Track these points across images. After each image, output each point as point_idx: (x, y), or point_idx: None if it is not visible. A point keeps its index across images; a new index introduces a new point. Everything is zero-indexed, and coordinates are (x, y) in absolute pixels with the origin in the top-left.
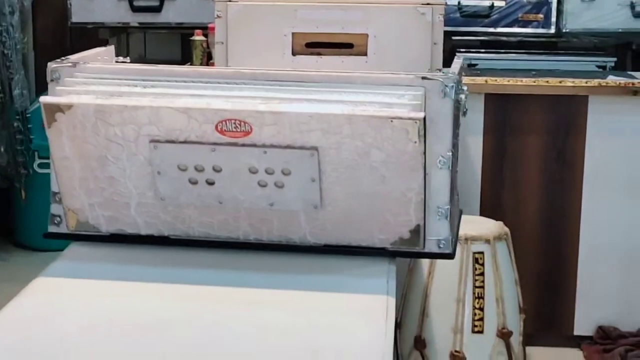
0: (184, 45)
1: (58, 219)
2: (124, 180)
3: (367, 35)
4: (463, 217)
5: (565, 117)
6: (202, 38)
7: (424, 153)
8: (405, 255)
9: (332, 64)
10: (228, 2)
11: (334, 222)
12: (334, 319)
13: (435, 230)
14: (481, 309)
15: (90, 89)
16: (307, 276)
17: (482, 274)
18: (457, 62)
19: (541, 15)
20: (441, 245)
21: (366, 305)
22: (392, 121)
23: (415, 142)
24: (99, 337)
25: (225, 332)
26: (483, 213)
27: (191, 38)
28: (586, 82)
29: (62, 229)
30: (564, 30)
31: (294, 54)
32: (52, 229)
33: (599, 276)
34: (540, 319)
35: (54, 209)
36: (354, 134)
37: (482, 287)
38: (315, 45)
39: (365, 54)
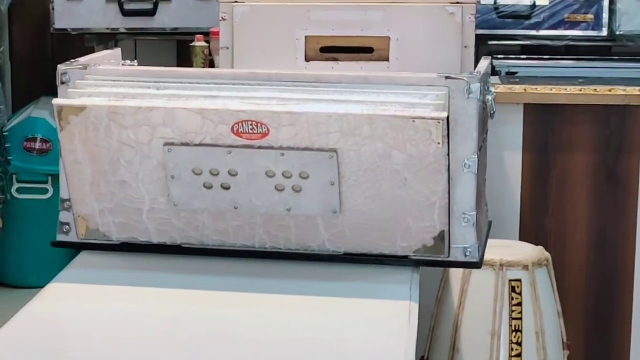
0: (180, 53)
1: (67, 227)
2: (136, 184)
3: (388, 38)
4: (497, 241)
5: (617, 131)
6: (204, 44)
7: (448, 155)
8: (430, 264)
9: (350, 70)
10: (234, 3)
11: (354, 228)
12: (354, 322)
13: (460, 238)
14: (519, 344)
15: (102, 90)
16: (327, 283)
17: (520, 304)
18: (484, 62)
19: (591, 16)
20: (467, 254)
21: (387, 309)
22: (414, 121)
23: (439, 143)
24: (113, 340)
25: (243, 334)
26: (522, 239)
27: (191, 44)
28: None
29: (71, 238)
30: (617, 33)
31: (307, 59)
32: (60, 237)
33: None
34: None
35: (63, 216)
36: (375, 135)
37: (520, 318)
38: (331, 50)
39: (387, 59)
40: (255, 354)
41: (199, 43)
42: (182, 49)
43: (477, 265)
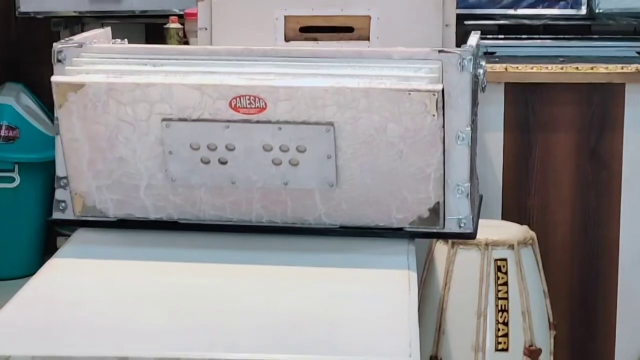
0: (149, 37)
1: (63, 204)
2: (134, 161)
3: (369, 17)
4: (482, 221)
5: (599, 109)
6: (178, 26)
7: (443, 127)
8: (425, 235)
9: None
10: None
11: (350, 201)
12: (355, 291)
13: (455, 209)
14: (505, 324)
15: (99, 68)
16: (325, 255)
17: (506, 283)
18: (474, 36)
19: None
20: (462, 225)
21: (387, 278)
22: (409, 94)
23: (434, 115)
24: (117, 311)
25: (246, 304)
26: (505, 220)
27: (165, 26)
28: (622, 68)
29: (68, 215)
30: (597, 11)
31: (286, 39)
32: (56, 215)
33: None
34: (573, 340)
35: (59, 194)
36: (371, 108)
37: (506, 298)
38: (311, 30)
39: (368, 39)
40: (259, 324)
41: (173, 25)
42: (151, 32)
43: (472, 236)
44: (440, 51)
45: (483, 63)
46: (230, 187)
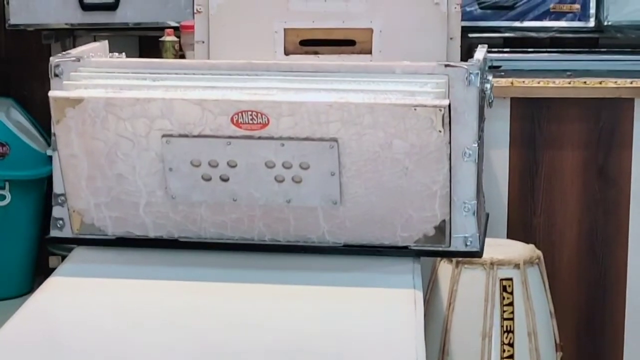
0: (143, 50)
1: (61, 222)
2: (133, 178)
3: (371, 30)
4: (486, 240)
5: (607, 125)
6: (174, 39)
7: (449, 143)
8: (431, 254)
9: None
10: None
11: (354, 219)
12: (361, 310)
13: (461, 227)
14: (511, 345)
15: (98, 82)
16: (328, 274)
17: (511, 304)
18: (481, 50)
19: (577, 6)
20: (468, 243)
21: (393, 297)
22: (415, 109)
23: (440, 131)
24: (115, 332)
25: (248, 324)
26: (511, 238)
27: (161, 39)
28: (631, 83)
29: (66, 233)
30: (605, 24)
31: (286, 53)
32: (54, 233)
33: None
34: None
35: (57, 212)
36: (376, 124)
37: (512, 319)
38: (312, 43)
39: (370, 52)
40: (263, 343)
41: (169, 38)
42: (145, 44)
43: (478, 254)
44: (446, 65)
45: (490, 77)
46: (231, 205)
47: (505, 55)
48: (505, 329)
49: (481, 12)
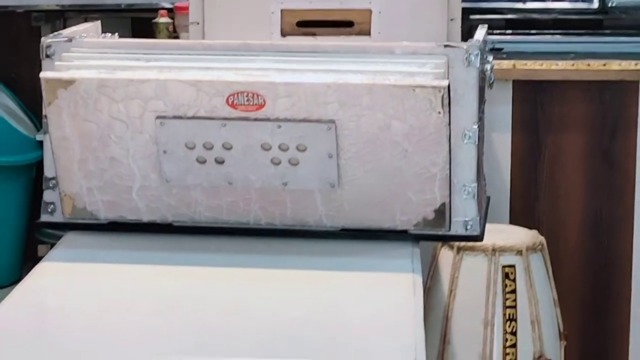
0: (136, 32)
1: (52, 206)
2: (126, 161)
3: (370, 10)
4: (488, 225)
5: (612, 108)
6: (168, 20)
7: (449, 125)
8: (430, 238)
9: None
10: None
11: (352, 202)
12: (359, 294)
13: (461, 210)
14: (513, 334)
15: (90, 63)
16: (326, 258)
17: (514, 291)
18: (481, 30)
19: None
20: (468, 227)
21: (391, 281)
22: (414, 90)
23: (440, 112)
24: (107, 317)
25: (245, 309)
26: (513, 224)
27: (154, 20)
28: (636, 65)
29: (57, 218)
30: (609, 5)
31: (283, 34)
32: (45, 217)
33: None
34: (585, 351)
35: (48, 195)
36: (374, 105)
37: (514, 307)
38: (309, 24)
39: (369, 34)
40: (259, 329)
41: (162, 19)
42: (138, 27)
43: (479, 238)
44: (445, 46)
45: (490, 58)
46: (227, 188)
47: (508, 37)
48: (507, 317)
49: None
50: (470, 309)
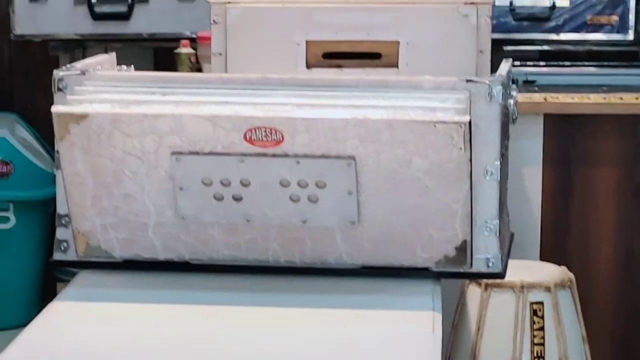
0: (158, 62)
1: (65, 244)
2: (141, 197)
3: (397, 42)
4: (517, 262)
5: None
6: (190, 50)
7: (470, 161)
8: (451, 275)
9: None
10: (227, 4)
11: (373, 239)
12: (378, 333)
13: (483, 247)
14: None
15: (104, 97)
16: (346, 297)
17: (542, 328)
18: (505, 64)
19: (616, 18)
20: (490, 264)
21: (411, 319)
22: (435, 126)
23: (461, 148)
24: (127, 356)
25: (260, 347)
26: (543, 260)
27: (176, 50)
28: None
29: (70, 256)
30: None
31: (308, 66)
32: (57, 256)
33: None
34: None
35: (61, 233)
36: (395, 141)
37: (542, 344)
38: (335, 56)
39: (396, 66)
40: None
41: (184, 49)
42: (160, 56)
43: (500, 275)
44: (468, 80)
45: (514, 93)
46: (245, 225)
47: (540, 69)
48: (535, 355)
49: (516, 23)
50: (498, 346)
